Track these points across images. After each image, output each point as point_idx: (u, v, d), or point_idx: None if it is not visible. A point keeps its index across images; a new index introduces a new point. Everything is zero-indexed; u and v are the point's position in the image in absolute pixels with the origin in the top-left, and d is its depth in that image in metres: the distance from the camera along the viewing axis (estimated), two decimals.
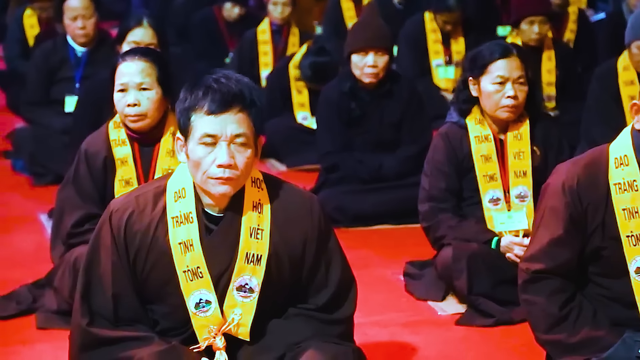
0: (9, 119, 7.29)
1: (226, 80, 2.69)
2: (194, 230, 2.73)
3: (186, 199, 2.74)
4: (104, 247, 2.77)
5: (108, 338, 2.73)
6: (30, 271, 4.38)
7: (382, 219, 5.18)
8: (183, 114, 2.71)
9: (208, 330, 2.74)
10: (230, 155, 2.67)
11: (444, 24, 7.04)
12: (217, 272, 2.74)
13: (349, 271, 2.90)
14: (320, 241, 2.82)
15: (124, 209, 2.77)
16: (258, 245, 2.74)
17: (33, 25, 7.41)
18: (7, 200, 5.69)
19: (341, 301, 2.85)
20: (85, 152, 3.83)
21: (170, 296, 2.76)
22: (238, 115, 2.68)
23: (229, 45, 7.90)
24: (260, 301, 2.75)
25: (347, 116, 5.29)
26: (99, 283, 2.77)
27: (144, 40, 4.62)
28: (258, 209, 2.76)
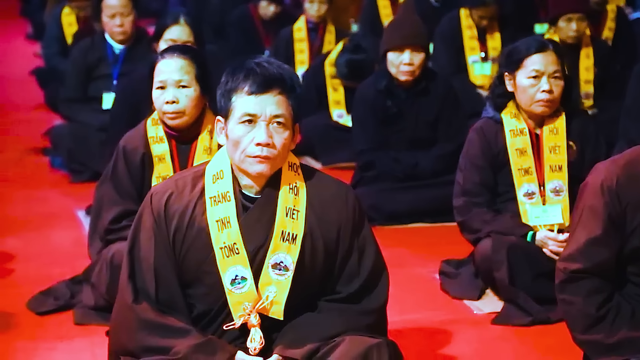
0: (47, 116, 7.36)
1: (268, 64, 2.78)
2: (232, 208, 2.79)
3: (224, 180, 2.82)
4: (145, 229, 2.84)
5: (150, 322, 2.77)
6: (68, 267, 4.42)
7: (418, 217, 5.17)
8: (224, 95, 2.79)
9: (243, 307, 2.79)
10: (268, 135, 2.75)
11: (480, 19, 7.01)
12: (253, 249, 2.79)
13: (382, 260, 2.93)
14: (355, 229, 2.86)
15: (163, 191, 2.84)
16: (294, 225, 2.80)
17: (71, 23, 7.47)
18: (45, 196, 5.74)
19: (372, 289, 2.87)
20: (124, 149, 3.85)
21: (206, 275, 2.81)
22: (277, 97, 2.76)
23: (265, 42, 7.91)
24: (294, 281, 2.80)
25: (383, 114, 5.29)
26: (141, 265, 2.83)
27: (181, 38, 4.64)
28: (294, 191, 2.83)
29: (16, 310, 4.04)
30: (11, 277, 4.45)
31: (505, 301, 3.97)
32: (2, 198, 5.68)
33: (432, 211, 5.14)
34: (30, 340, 3.77)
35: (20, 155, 6.61)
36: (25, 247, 4.88)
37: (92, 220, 4.09)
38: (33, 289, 4.18)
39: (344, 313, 2.83)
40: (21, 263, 4.63)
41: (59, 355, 3.66)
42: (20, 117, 7.68)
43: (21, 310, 4.04)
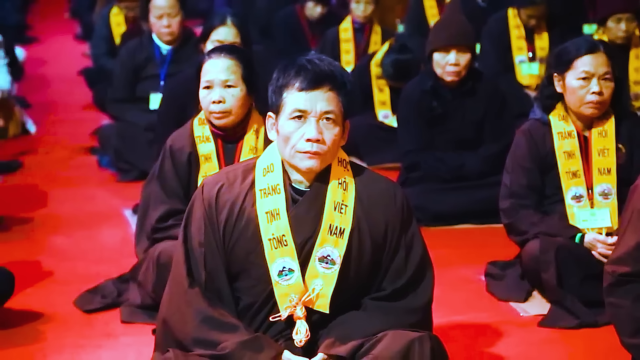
0: (95, 115, 7.42)
1: (319, 60, 2.81)
2: (281, 200, 2.82)
3: (274, 173, 2.85)
4: (195, 220, 2.87)
5: (203, 312, 2.80)
6: (115, 266, 4.46)
7: (464, 218, 5.15)
8: (275, 91, 2.82)
9: (289, 299, 2.81)
10: (318, 131, 2.77)
11: (528, 18, 6.96)
12: (301, 241, 2.82)
13: (428, 259, 2.94)
14: (402, 226, 2.87)
15: (214, 183, 2.88)
16: (342, 219, 2.82)
17: (120, 24, 7.53)
18: (93, 195, 5.79)
19: (417, 287, 2.88)
20: (170, 148, 3.88)
21: (254, 266, 2.83)
22: (328, 94, 2.78)
23: (311, 43, 7.92)
24: (340, 275, 2.81)
25: (429, 114, 5.27)
26: (193, 254, 2.87)
27: (228, 39, 4.66)
28: (343, 186, 2.85)
29: (64, 308, 4.08)
30: (59, 275, 4.49)
31: (552, 303, 3.94)
32: (50, 197, 5.74)
33: (478, 212, 5.11)
34: (78, 338, 3.81)
35: (69, 155, 6.68)
36: (73, 245, 4.93)
37: (139, 219, 4.12)
38: (81, 287, 4.22)
39: (389, 311, 2.84)
40: (69, 261, 4.68)
41: (106, 352, 3.69)
42: (68, 117, 7.76)
43: (69, 308, 4.08)
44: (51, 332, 3.86)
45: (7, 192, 5.76)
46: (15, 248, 4.84)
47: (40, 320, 3.96)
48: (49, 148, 6.82)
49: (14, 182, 6.03)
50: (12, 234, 5.06)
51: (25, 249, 4.84)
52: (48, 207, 5.57)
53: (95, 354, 3.68)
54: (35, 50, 10.50)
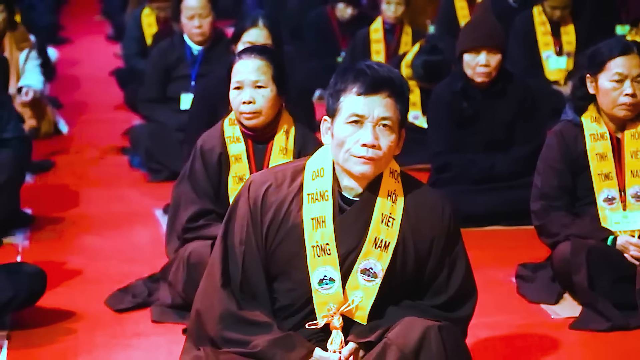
0: (126, 116, 7.46)
1: (378, 66, 2.79)
2: (328, 207, 2.79)
3: (324, 179, 2.82)
4: (238, 217, 2.85)
5: (234, 314, 2.79)
6: (146, 265, 4.48)
7: (494, 219, 5.13)
8: (333, 95, 2.79)
9: (327, 308, 2.79)
10: (374, 136, 2.74)
11: (553, 10, 6.96)
12: (345, 252, 2.79)
13: (472, 280, 2.91)
14: (448, 242, 2.84)
15: (262, 182, 2.85)
16: (388, 232, 2.78)
17: (151, 24, 7.57)
18: (124, 195, 5.82)
19: (458, 305, 2.86)
20: (201, 149, 3.89)
21: (294, 271, 2.81)
22: (386, 100, 2.75)
23: (341, 44, 7.92)
24: (381, 288, 2.79)
25: (459, 116, 5.25)
26: (232, 251, 2.85)
27: (259, 41, 4.66)
28: (392, 199, 2.81)
29: (95, 307, 4.10)
30: (90, 275, 4.52)
31: (583, 306, 3.91)
32: (82, 197, 5.77)
33: (509, 214, 5.08)
34: (109, 337, 3.83)
35: (100, 155, 6.71)
36: (105, 245, 4.96)
37: (170, 219, 4.14)
38: (112, 287, 4.24)
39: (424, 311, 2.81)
40: (100, 261, 4.70)
41: (136, 351, 3.71)
42: (100, 117, 7.80)
43: (100, 307, 4.10)
44: (82, 331, 3.88)
45: (39, 192, 5.80)
46: (47, 247, 4.87)
47: (72, 319, 3.99)
48: (80, 148, 6.86)
49: (46, 182, 6.07)
50: (44, 233, 5.10)
51: (57, 249, 4.87)
52: (79, 206, 5.60)
53: (125, 353, 3.69)
54: (67, 50, 10.57)
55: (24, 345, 3.74)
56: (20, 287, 3.79)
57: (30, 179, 5.92)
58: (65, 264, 4.65)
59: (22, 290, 3.80)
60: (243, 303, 2.83)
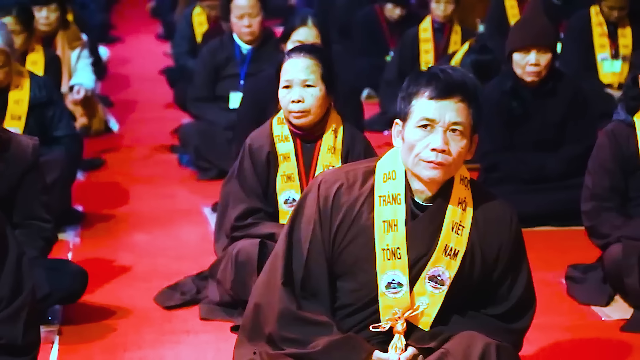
0: (176, 114, 7.50)
1: (452, 70, 2.76)
2: (401, 211, 2.76)
3: (396, 181, 2.79)
4: (306, 215, 2.83)
5: (294, 313, 2.78)
6: (194, 263, 4.50)
7: (544, 220, 5.08)
8: (405, 99, 2.77)
9: (393, 312, 2.77)
10: (445, 141, 2.71)
11: (610, 10, 6.86)
12: (415, 257, 2.77)
13: (532, 289, 2.90)
14: (513, 253, 2.83)
15: (333, 181, 2.82)
16: (457, 240, 2.77)
17: (202, 23, 7.62)
18: (173, 193, 5.86)
19: (519, 315, 2.85)
20: (250, 147, 3.90)
21: (362, 272, 2.79)
22: (458, 105, 2.72)
23: (390, 43, 7.91)
24: (447, 295, 2.77)
25: (508, 115, 5.22)
26: (296, 247, 2.83)
27: (308, 40, 4.67)
28: (462, 206, 2.78)
29: (145, 304, 4.13)
30: (140, 272, 4.55)
31: (635, 308, 3.87)
32: (131, 194, 5.82)
33: (559, 214, 5.04)
34: (158, 334, 3.86)
35: (150, 153, 6.76)
36: (154, 242, 4.99)
37: (219, 217, 4.16)
38: (161, 284, 4.27)
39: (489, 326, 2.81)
40: (149, 258, 4.74)
41: (185, 348, 3.73)
42: (150, 116, 7.86)
43: (149, 304, 4.13)
44: (131, 327, 3.92)
45: (89, 189, 5.86)
46: (97, 244, 4.92)
47: (121, 315, 4.02)
48: (130, 146, 6.92)
49: (97, 180, 6.13)
50: (94, 230, 5.15)
51: (107, 246, 4.91)
52: (129, 204, 5.65)
53: (174, 350, 3.72)
54: (118, 49, 10.67)
55: (74, 340, 3.78)
56: (57, 285, 3.81)
57: (81, 177, 5.98)
58: (114, 260, 4.69)
59: (59, 288, 3.82)
60: (303, 302, 2.81)
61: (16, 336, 2.64)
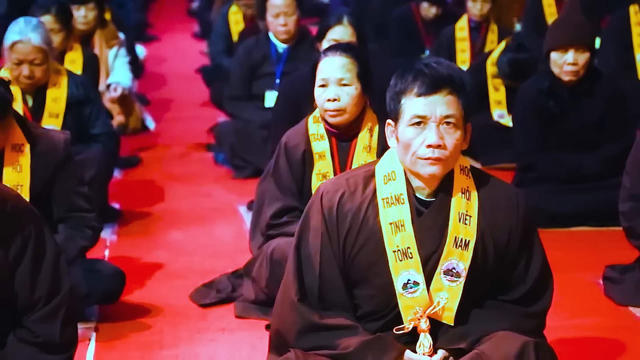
0: (212, 113, 7.54)
1: (436, 64, 2.75)
2: (406, 210, 2.76)
3: (396, 182, 2.79)
4: (313, 228, 2.82)
5: (317, 324, 2.77)
6: (229, 261, 4.52)
7: (581, 220, 5.05)
8: (393, 98, 2.77)
9: (414, 312, 2.76)
10: (439, 136, 2.71)
11: None
12: (426, 254, 2.76)
13: (548, 267, 2.88)
14: (524, 233, 2.82)
15: (334, 190, 2.82)
16: (466, 231, 2.76)
17: (238, 22, 7.64)
18: (209, 191, 5.88)
19: (537, 296, 2.84)
20: (285, 146, 3.91)
21: (376, 277, 2.79)
22: (447, 97, 2.72)
23: (426, 42, 7.88)
24: (465, 287, 2.77)
25: (545, 114, 5.18)
26: (307, 263, 2.82)
27: (344, 38, 4.66)
28: (466, 196, 2.78)
29: (180, 301, 4.15)
30: (176, 269, 4.57)
31: None
32: (167, 192, 5.85)
33: (596, 215, 5.00)
34: (193, 331, 3.87)
35: (186, 151, 6.80)
36: (190, 240, 5.02)
37: (254, 215, 4.17)
38: (196, 282, 4.29)
39: (510, 313, 2.80)
40: (185, 256, 4.76)
41: (220, 346, 3.74)
42: (186, 114, 7.90)
43: (185, 301, 4.15)
44: (167, 325, 3.93)
45: (126, 187, 5.90)
46: (133, 242, 4.95)
47: (157, 313, 4.04)
48: (166, 144, 6.95)
49: (133, 178, 6.16)
50: (130, 228, 5.18)
51: (143, 243, 4.94)
52: (165, 202, 5.68)
53: (209, 347, 3.73)
54: (155, 48, 10.73)
55: (110, 337, 3.80)
56: (95, 286, 3.84)
57: (118, 175, 6.02)
58: (150, 258, 4.72)
59: (97, 289, 3.85)
60: (324, 312, 2.80)
61: (54, 334, 2.66)
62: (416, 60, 2.79)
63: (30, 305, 2.66)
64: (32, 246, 2.64)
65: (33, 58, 4.63)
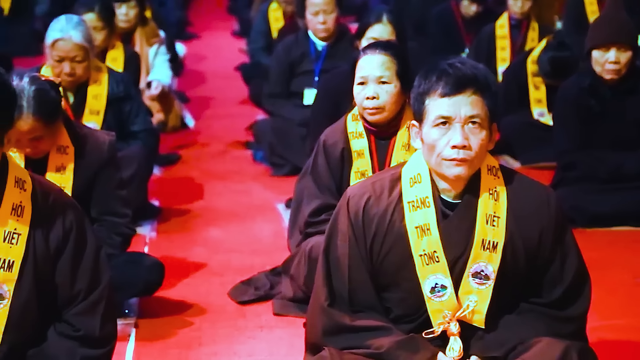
0: (251, 110, 7.56)
1: (460, 64, 2.72)
2: (431, 214, 2.73)
3: (422, 184, 2.76)
4: (340, 232, 2.81)
5: (348, 326, 2.76)
6: (268, 259, 4.53)
7: (622, 220, 5.00)
8: (417, 99, 2.74)
9: (443, 316, 2.74)
10: (464, 137, 2.68)
11: None
12: (453, 257, 2.74)
13: (584, 267, 2.84)
14: (557, 233, 2.77)
15: (360, 195, 2.80)
16: (494, 232, 2.73)
17: (278, 19, 7.66)
18: (248, 189, 5.90)
19: (575, 297, 2.79)
20: (324, 144, 3.91)
21: (404, 281, 2.77)
22: (472, 98, 2.69)
23: (465, 40, 7.85)
24: (495, 289, 2.74)
25: (586, 113, 5.14)
26: (336, 267, 2.81)
27: (383, 36, 4.66)
28: (494, 196, 2.75)
29: (219, 298, 4.17)
30: (215, 267, 4.59)
31: None
32: (206, 190, 5.87)
33: (637, 214, 4.96)
34: (232, 328, 3.88)
35: (225, 149, 6.82)
36: (228, 238, 5.03)
37: (292, 213, 4.17)
38: (234, 279, 4.30)
39: (544, 317, 2.77)
40: (224, 253, 4.78)
41: (259, 343, 3.75)
42: (225, 112, 7.92)
43: (223, 298, 4.16)
44: (206, 321, 3.95)
45: (166, 184, 5.93)
46: (172, 239, 4.97)
47: (196, 309, 4.06)
48: (206, 142, 6.98)
49: (173, 175, 6.19)
50: (170, 225, 5.21)
51: (182, 240, 4.97)
52: (204, 199, 5.70)
53: (248, 344, 3.74)
54: (194, 46, 10.77)
55: (150, 333, 3.83)
56: (135, 277, 3.86)
57: (157, 172, 6.05)
58: (189, 255, 4.74)
59: (136, 280, 3.88)
60: (354, 315, 2.78)
61: (94, 328, 2.68)
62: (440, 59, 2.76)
63: (70, 298, 2.67)
64: (74, 239, 2.65)
65: (74, 55, 4.67)
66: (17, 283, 2.60)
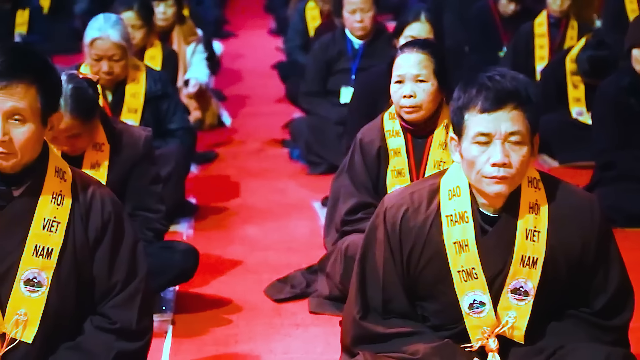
0: (287, 109, 7.56)
1: (500, 77, 2.64)
2: (470, 230, 2.68)
3: (461, 198, 2.70)
4: (377, 241, 2.77)
5: (381, 334, 2.74)
6: (304, 257, 4.53)
7: None
8: (457, 112, 2.68)
9: (481, 332, 2.70)
10: (504, 154, 2.61)
11: None
12: (492, 274, 2.68)
13: (627, 278, 2.79)
14: (600, 244, 2.72)
15: (398, 206, 2.75)
16: (534, 248, 2.67)
17: (315, 17, 7.66)
18: (284, 187, 5.91)
19: (619, 308, 2.75)
20: (361, 142, 3.91)
21: (442, 294, 2.73)
22: (512, 113, 2.61)
23: (503, 39, 7.81)
24: (535, 304, 2.69)
25: (626, 112, 5.10)
26: (371, 276, 2.78)
27: (421, 35, 4.65)
28: (535, 210, 2.68)
29: (255, 296, 4.18)
30: (251, 264, 4.60)
31: None
32: (243, 188, 5.89)
33: None
34: (268, 326, 3.89)
35: (261, 147, 6.83)
36: (265, 235, 5.04)
37: (329, 211, 4.17)
38: (271, 277, 4.31)
39: (587, 324, 2.73)
40: (261, 251, 4.79)
41: (295, 341, 3.76)
42: (262, 110, 7.94)
43: (260, 296, 4.17)
44: (242, 319, 3.96)
45: (202, 182, 5.95)
46: (209, 236, 4.99)
47: (232, 307, 4.07)
48: (242, 140, 7.00)
49: (210, 173, 6.22)
50: (207, 222, 5.22)
51: (219, 238, 4.99)
52: (241, 197, 5.72)
53: (284, 342, 3.75)
54: (231, 44, 10.81)
55: (187, 330, 3.84)
56: (169, 263, 3.87)
57: (194, 170, 6.08)
58: (226, 253, 4.76)
59: (171, 266, 3.89)
60: (388, 322, 2.76)
61: (130, 320, 2.67)
62: (480, 73, 2.68)
63: (107, 290, 2.67)
64: (112, 230, 2.66)
65: (112, 54, 4.70)
66: (55, 271, 2.61)
